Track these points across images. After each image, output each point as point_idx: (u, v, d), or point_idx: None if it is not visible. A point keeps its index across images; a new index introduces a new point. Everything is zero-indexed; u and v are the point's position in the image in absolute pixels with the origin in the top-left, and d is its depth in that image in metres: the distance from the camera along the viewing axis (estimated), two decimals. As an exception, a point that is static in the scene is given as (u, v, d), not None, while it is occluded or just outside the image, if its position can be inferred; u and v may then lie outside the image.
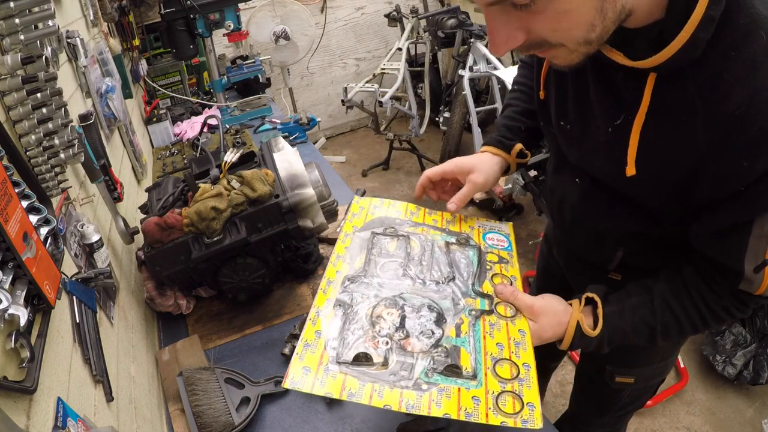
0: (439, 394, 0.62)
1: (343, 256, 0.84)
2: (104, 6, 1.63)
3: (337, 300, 0.75)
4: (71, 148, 0.77)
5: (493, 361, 0.67)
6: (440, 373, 0.65)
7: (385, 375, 0.64)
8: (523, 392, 0.64)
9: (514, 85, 1.05)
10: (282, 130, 1.99)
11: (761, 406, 1.94)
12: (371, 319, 0.71)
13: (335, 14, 4.05)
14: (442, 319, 0.72)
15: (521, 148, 0.96)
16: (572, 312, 0.77)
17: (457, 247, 0.87)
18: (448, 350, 0.68)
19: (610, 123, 0.69)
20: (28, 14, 0.70)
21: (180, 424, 0.92)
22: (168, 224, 1.02)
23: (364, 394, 0.62)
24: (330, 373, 0.64)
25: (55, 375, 0.59)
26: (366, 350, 0.66)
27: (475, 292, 0.78)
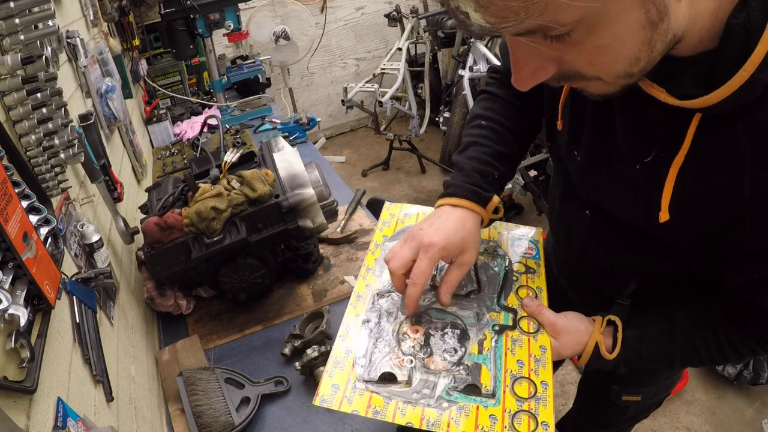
0: (458, 413, 0.64)
1: (372, 269, 0.85)
2: (104, 6, 1.63)
3: (365, 317, 0.76)
4: (71, 148, 0.77)
5: (513, 379, 0.68)
6: (461, 391, 0.66)
7: (409, 393, 0.66)
8: (539, 411, 0.65)
9: (480, 120, 0.90)
10: (282, 130, 1.99)
11: (761, 406, 1.93)
12: (397, 337, 0.73)
13: (335, 14, 4.05)
14: (466, 336, 0.74)
15: (497, 203, 0.83)
16: (593, 332, 0.75)
17: (485, 257, 0.87)
18: (469, 368, 0.69)
19: (639, 160, 0.63)
20: (28, 14, 0.70)
21: (180, 424, 0.92)
22: (168, 224, 1.02)
23: (389, 412, 0.64)
24: (357, 390, 0.67)
25: (55, 375, 0.59)
26: (391, 369, 0.68)
27: (500, 305, 0.78)
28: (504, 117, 0.89)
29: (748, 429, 1.87)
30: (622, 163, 0.66)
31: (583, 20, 0.43)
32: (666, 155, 0.59)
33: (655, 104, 0.57)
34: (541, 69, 0.51)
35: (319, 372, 0.95)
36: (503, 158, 0.86)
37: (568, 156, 0.77)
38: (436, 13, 3.43)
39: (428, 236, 0.74)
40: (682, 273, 0.73)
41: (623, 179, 0.66)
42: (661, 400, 1.12)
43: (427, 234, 0.75)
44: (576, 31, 0.44)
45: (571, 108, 0.74)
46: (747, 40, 0.47)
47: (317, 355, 0.95)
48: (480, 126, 0.89)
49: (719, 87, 0.50)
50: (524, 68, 0.51)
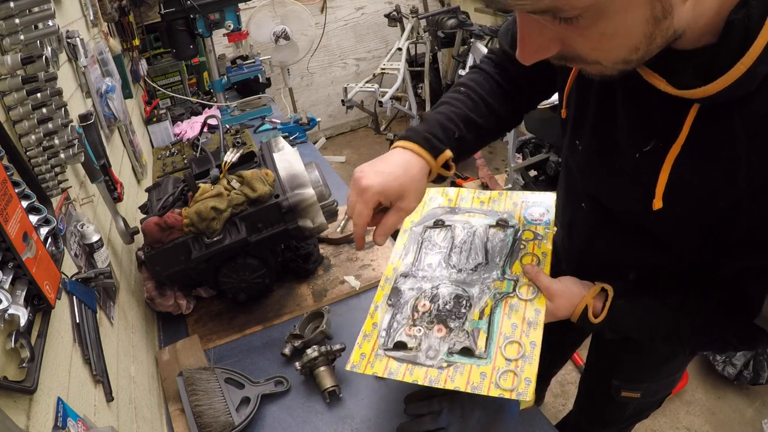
0: (455, 371, 0.74)
1: (400, 253, 0.95)
2: (104, 6, 1.63)
3: (390, 296, 0.88)
4: (71, 148, 0.77)
5: (505, 341, 0.76)
6: (458, 353, 0.76)
7: (417, 357, 0.77)
8: (524, 368, 0.72)
9: (460, 87, 0.90)
10: (282, 130, 1.99)
11: (761, 406, 1.93)
12: (413, 310, 0.84)
13: (335, 14, 4.05)
14: (469, 305, 0.83)
15: (449, 157, 0.81)
16: (585, 296, 0.78)
17: (496, 230, 0.93)
18: (468, 333, 0.78)
19: (638, 149, 0.65)
20: (28, 14, 0.70)
21: (180, 424, 0.92)
22: (168, 224, 1.02)
23: (400, 372, 0.76)
24: (378, 357, 0.79)
25: (55, 375, 0.59)
26: (403, 338, 0.79)
27: (504, 275, 0.86)
28: (485, 91, 0.89)
29: (748, 429, 1.87)
30: (622, 153, 0.68)
31: (593, 7, 0.46)
32: (664, 145, 0.61)
33: (656, 95, 0.59)
34: (544, 47, 0.54)
35: (320, 372, 0.95)
36: (470, 123, 0.85)
37: (571, 146, 0.79)
38: (436, 13, 3.43)
39: (366, 180, 0.76)
40: (677, 266, 0.75)
41: (623, 168, 0.68)
42: (661, 399, 1.12)
43: (366, 177, 0.77)
44: (584, 17, 0.47)
45: (577, 97, 0.76)
46: (746, 36, 0.49)
47: (317, 355, 0.95)
48: (458, 92, 0.89)
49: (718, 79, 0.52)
50: (529, 44, 0.54)
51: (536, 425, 0.85)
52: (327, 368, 0.95)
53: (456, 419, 0.76)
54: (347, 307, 1.16)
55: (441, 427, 0.77)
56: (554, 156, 2.54)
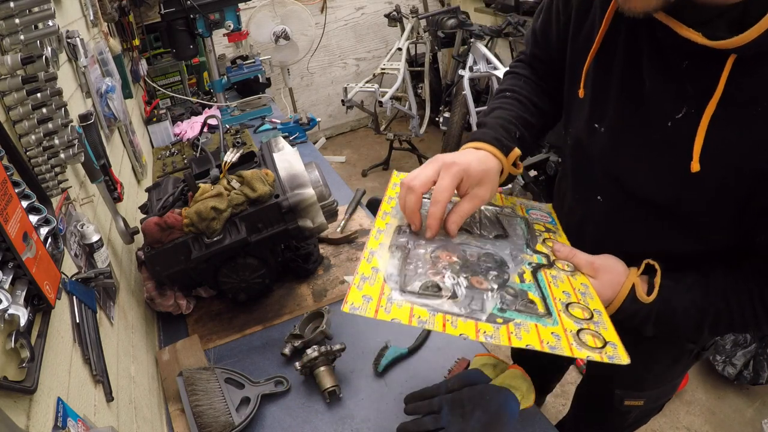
0: (517, 328, 0.59)
1: (390, 212, 0.80)
2: (104, 6, 1.63)
3: (393, 244, 0.70)
4: (71, 148, 0.77)
5: (564, 305, 0.64)
6: (515, 310, 0.62)
7: (457, 306, 0.61)
8: (600, 332, 0.61)
9: (505, 92, 0.93)
10: (282, 130, 1.99)
11: (761, 406, 1.94)
12: (432, 258, 0.68)
13: (335, 14, 4.05)
14: (504, 265, 0.69)
15: (518, 155, 0.83)
16: (629, 274, 0.72)
17: (505, 217, 0.85)
18: (516, 291, 0.65)
19: (670, 117, 0.64)
20: (28, 14, 0.70)
21: (180, 424, 0.92)
22: (168, 224, 1.02)
23: (436, 322, 0.59)
24: (394, 302, 0.61)
25: (55, 375, 0.59)
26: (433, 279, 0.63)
27: (531, 250, 0.75)
28: (527, 91, 0.92)
29: (748, 429, 1.87)
30: (651, 125, 0.67)
31: None
32: (696, 110, 0.60)
33: (685, 58, 0.60)
34: None
35: (320, 372, 0.95)
36: (526, 123, 0.87)
37: (588, 130, 0.77)
38: (436, 13, 3.43)
39: (450, 157, 0.74)
40: (702, 251, 0.72)
41: (653, 140, 0.67)
42: (662, 405, 1.12)
43: (450, 156, 0.74)
44: None
45: (595, 77, 0.74)
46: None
47: (317, 355, 0.95)
48: (505, 96, 0.92)
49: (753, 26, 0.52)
50: None
51: (536, 425, 0.85)
52: (327, 368, 0.95)
53: (456, 419, 0.76)
54: (347, 307, 1.16)
55: (441, 427, 0.77)
56: (554, 156, 2.54)
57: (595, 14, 0.74)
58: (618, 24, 0.69)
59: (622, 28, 0.69)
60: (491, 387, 0.81)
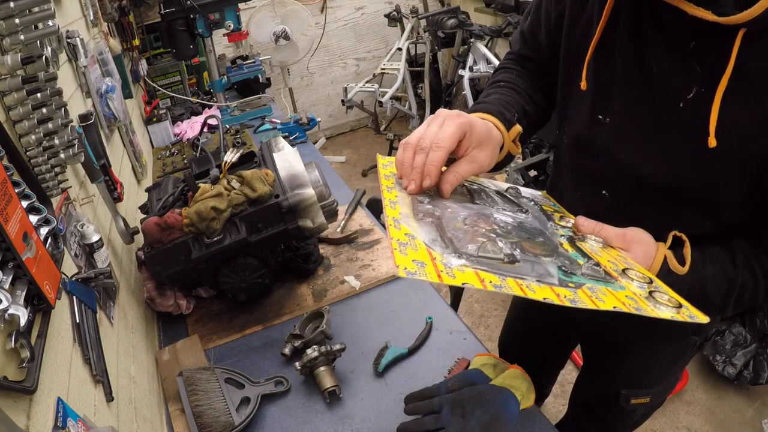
0: (592, 292, 0.54)
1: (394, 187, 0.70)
2: (104, 6, 1.63)
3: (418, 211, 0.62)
4: (71, 148, 0.77)
5: (618, 272, 0.60)
6: (581, 275, 0.57)
7: (525, 272, 0.54)
8: (666, 292, 0.57)
9: (498, 83, 0.92)
10: (282, 130, 2.00)
11: (761, 406, 1.94)
12: (469, 227, 0.60)
13: (335, 14, 4.05)
14: (544, 234, 0.63)
15: (519, 132, 0.80)
16: (659, 245, 0.70)
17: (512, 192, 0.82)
18: (570, 257, 0.59)
19: (681, 98, 0.65)
20: (28, 14, 0.70)
21: (180, 424, 0.92)
22: (168, 224, 1.02)
23: (512, 286, 0.52)
24: (454, 267, 0.53)
25: (55, 375, 0.59)
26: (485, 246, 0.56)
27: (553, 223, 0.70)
28: (522, 83, 0.92)
29: (748, 429, 1.87)
30: (661, 109, 0.67)
31: None
32: (707, 89, 0.61)
33: (695, 39, 0.61)
34: None
35: (320, 372, 0.95)
36: (522, 111, 0.87)
37: (592, 122, 0.77)
38: (436, 13, 3.43)
39: (455, 112, 0.70)
40: (712, 234, 0.72)
41: (664, 123, 0.68)
42: (664, 399, 1.12)
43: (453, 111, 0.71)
44: None
45: (596, 69, 0.74)
46: None
47: (317, 355, 0.95)
48: (499, 86, 0.90)
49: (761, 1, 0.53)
50: None
51: (536, 425, 0.85)
52: (327, 368, 0.95)
53: (456, 419, 0.76)
54: (347, 307, 1.16)
55: (441, 427, 0.77)
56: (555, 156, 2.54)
57: (593, 7, 0.75)
58: (617, 14, 0.70)
59: (622, 17, 0.70)
60: (491, 387, 0.81)
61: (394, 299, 1.16)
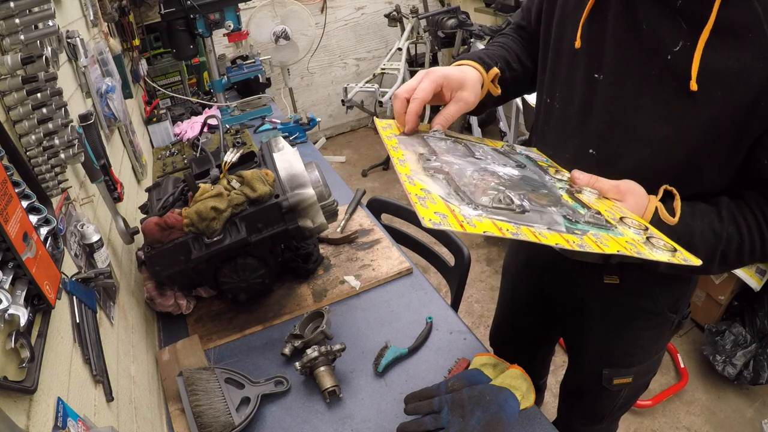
0: (597, 238, 0.57)
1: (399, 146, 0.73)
2: (104, 6, 1.63)
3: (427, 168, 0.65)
4: (71, 148, 0.77)
5: (616, 220, 0.63)
6: (584, 222, 0.60)
7: (535, 220, 0.57)
8: (660, 237, 0.60)
9: (492, 44, 1.03)
10: (282, 130, 2.00)
11: (761, 406, 1.94)
12: (479, 181, 0.63)
13: (335, 14, 4.04)
14: (546, 187, 0.67)
15: (497, 73, 0.88)
16: (651, 197, 0.73)
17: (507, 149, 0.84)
18: (571, 207, 0.63)
19: (669, 51, 0.69)
20: (28, 14, 0.70)
21: (180, 424, 0.92)
22: (168, 224, 1.02)
23: (527, 234, 0.55)
24: (472, 217, 0.56)
25: (55, 375, 0.59)
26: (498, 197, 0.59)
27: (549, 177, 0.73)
28: (512, 47, 1.01)
29: (748, 429, 1.87)
30: (650, 62, 0.72)
31: None
32: (692, 42, 0.66)
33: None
34: None
35: (320, 372, 0.95)
36: (507, 63, 0.96)
37: (588, 80, 0.81)
38: (436, 13, 3.43)
39: (431, 68, 0.83)
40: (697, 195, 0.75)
41: (653, 76, 0.72)
42: (648, 381, 1.14)
43: (431, 68, 0.83)
44: None
45: (590, 29, 0.79)
46: None
47: (317, 355, 0.95)
48: (493, 45, 1.03)
49: None
50: None
51: (536, 425, 0.85)
52: (327, 368, 0.95)
53: (456, 419, 0.76)
54: (347, 307, 1.16)
55: (441, 427, 0.77)
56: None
57: None
58: None
59: None
60: (491, 387, 0.81)
61: (394, 299, 1.16)
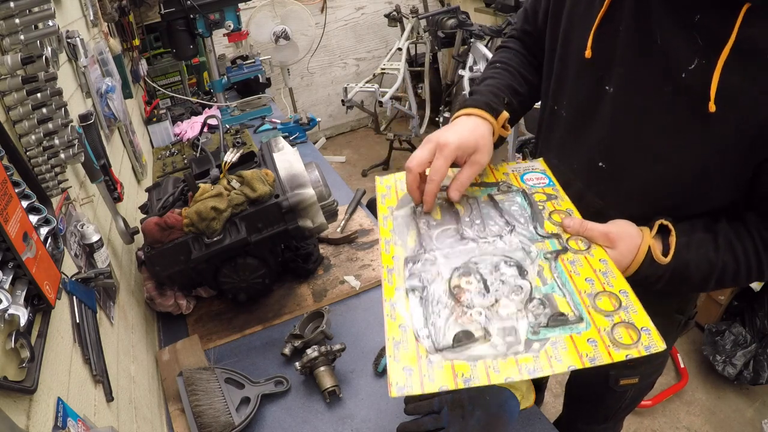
0: (554, 349, 0.58)
1: (391, 239, 0.77)
2: (104, 6, 1.63)
3: (407, 287, 0.68)
4: (71, 148, 0.77)
5: (590, 298, 0.63)
6: (546, 326, 0.60)
7: (493, 347, 0.59)
8: (632, 319, 0.60)
9: (495, 64, 0.99)
10: (282, 130, 2.00)
11: (761, 406, 1.94)
12: (452, 294, 0.65)
13: (335, 14, 4.05)
14: (523, 270, 0.67)
15: (506, 118, 0.86)
16: (644, 236, 0.72)
17: (502, 197, 0.82)
18: (542, 300, 0.63)
19: (683, 69, 0.67)
20: (28, 14, 0.70)
21: (180, 424, 0.92)
22: (168, 224, 1.02)
23: (480, 375, 0.57)
24: (434, 364, 0.59)
25: (55, 375, 0.59)
26: (462, 327, 0.61)
27: (540, 235, 0.73)
28: (516, 64, 0.98)
29: (748, 429, 1.87)
30: (663, 78, 0.69)
31: None
32: (708, 61, 0.64)
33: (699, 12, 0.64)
34: None
35: (320, 372, 0.95)
36: (513, 91, 0.93)
37: (597, 91, 0.79)
38: (436, 13, 3.43)
39: (443, 137, 0.78)
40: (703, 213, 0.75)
41: (665, 93, 0.70)
42: (653, 382, 1.13)
43: (443, 135, 0.79)
44: None
45: (602, 39, 0.77)
46: None
47: (317, 355, 0.95)
48: (495, 67, 0.98)
49: None
50: None
51: (536, 425, 0.85)
52: (327, 368, 0.95)
53: (456, 419, 0.76)
54: (347, 307, 1.16)
55: (441, 427, 0.77)
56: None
57: None
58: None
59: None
60: (491, 387, 0.81)
61: (394, 299, 1.16)
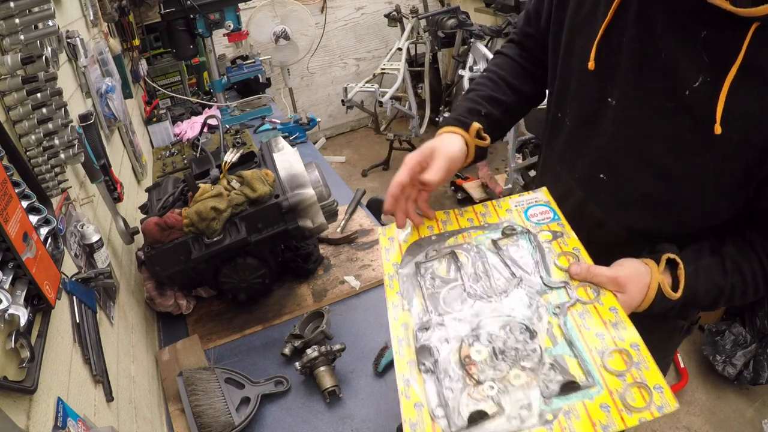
0: (568, 419, 0.58)
1: (399, 304, 0.77)
2: (104, 6, 1.63)
3: (418, 361, 0.68)
4: (71, 148, 0.77)
5: (601, 356, 0.62)
6: (558, 395, 0.60)
7: (508, 423, 0.59)
8: (645, 377, 0.59)
9: (485, 72, 0.99)
10: (282, 130, 2.00)
11: (761, 406, 1.94)
12: (462, 365, 0.66)
13: (335, 14, 4.05)
14: (533, 332, 0.67)
15: (479, 128, 0.86)
16: (652, 273, 0.71)
17: (507, 241, 0.80)
18: (554, 365, 0.63)
19: (688, 86, 0.66)
20: (28, 14, 0.70)
21: (180, 424, 0.92)
22: (168, 224, 1.02)
23: None
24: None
25: (55, 375, 0.59)
26: (477, 406, 0.61)
27: (546, 285, 0.72)
28: (505, 71, 0.96)
29: (748, 429, 1.87)
30: (667, 94, 0.69)
31: None
32: (713, 79, 0.63)
33: (707, 29, 0.63)
34: None
35: (320, 372, 0.95)
36: (493, 101, 0.92)
37: (600, 104, 0.78)
38: (436, 13, 3.43)
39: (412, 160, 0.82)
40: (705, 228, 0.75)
41: (668, 109, 0.69)
42: None
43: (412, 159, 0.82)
44: None
45: (605, 50, 0.75)
46: None
47: (317, 355, 0.95)
48: (482, 77, 0.98)
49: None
50: None
51: None
52: (327, 368, 0.95)
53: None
54: (347, 307, 1.16)
55: (441, 427, 0.77)
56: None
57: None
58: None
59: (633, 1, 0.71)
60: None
61: (394, 299, 1.16)
